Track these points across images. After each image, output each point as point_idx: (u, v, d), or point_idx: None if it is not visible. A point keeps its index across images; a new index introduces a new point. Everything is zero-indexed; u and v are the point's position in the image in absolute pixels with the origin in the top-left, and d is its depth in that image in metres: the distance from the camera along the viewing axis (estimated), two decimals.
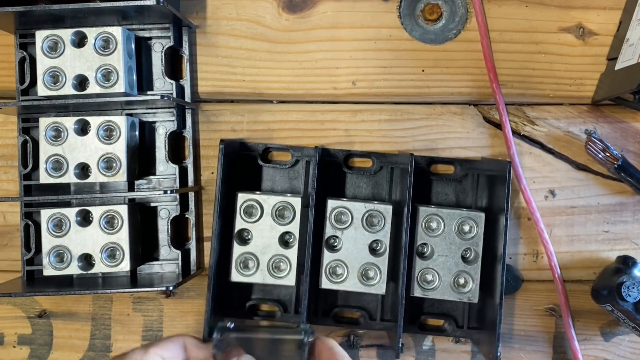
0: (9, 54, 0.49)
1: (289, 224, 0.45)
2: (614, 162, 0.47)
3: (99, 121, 0.46)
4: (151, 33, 0.49)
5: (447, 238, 0.45)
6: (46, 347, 0.51)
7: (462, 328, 0.49)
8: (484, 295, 0.46)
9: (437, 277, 0.45)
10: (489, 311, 0.45)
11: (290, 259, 0.45)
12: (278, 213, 0.45)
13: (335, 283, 0.45)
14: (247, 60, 0.49)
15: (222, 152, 0.44)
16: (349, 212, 0.45)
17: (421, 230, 0.45)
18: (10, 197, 0.50)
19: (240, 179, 0.49)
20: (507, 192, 0.43)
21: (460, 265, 0.45)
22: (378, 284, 0.45)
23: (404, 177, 0.45)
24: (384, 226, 0.45)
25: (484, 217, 0.45)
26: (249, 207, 0.45)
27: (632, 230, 0.49)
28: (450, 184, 0.49)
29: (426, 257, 0.46)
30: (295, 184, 0.49)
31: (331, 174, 0.49)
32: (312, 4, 0.50)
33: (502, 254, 0.43)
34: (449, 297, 0.45)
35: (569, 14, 0.49)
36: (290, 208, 0.45)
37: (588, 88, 0.49)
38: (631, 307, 0.44)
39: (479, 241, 0.45)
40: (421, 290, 0.45)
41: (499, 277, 0.43)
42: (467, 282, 0.45)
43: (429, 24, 0.50)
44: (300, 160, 0.49)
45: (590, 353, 0.50)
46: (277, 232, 0.45)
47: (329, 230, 0.45)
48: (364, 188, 0.49)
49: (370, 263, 0.45)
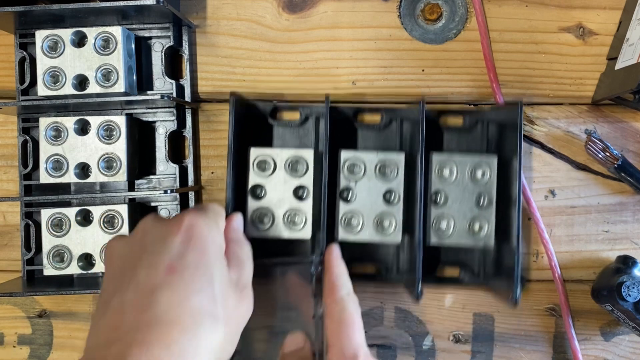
0: (9, 54, 0.49)
1: (303, 176, 0.45)
2: (614, 162, 0.47)
3: (99, 121, 0.46)
4: (151, 33, 0.49)
5: (461, 184, 0.45)
6: (46, 347, 0.51)
7: (478, 276, 0.48)
8: (500, 242, 0.45)
9: (452, 224, 0.45)
10: (505, 257, 0.45)
11: (305, 212, 0.45)
12: (291, 167, 0.45)
13: (351, 234, 0.45)
14: (247, 60, 0.49)
15: (232, 104, 0.44)
16: (362, 162, 0.45)
17: (435, 177, 0.45)
18: (11, 197, 0.50)
19: (251, 139, 0.49)
20: (520, 131, 0.43)
21: (474, 210, 0.45)
22: (394, 233, 0.45)
23: (415, 128, 0.45)
24: (397, 175, 0.45)
25: (497, 160, 0.45)
26: (262, 162, 0.45)
27: (632, 230, 0.49)
28: (461, 134, 0.49)
29: (440, 205, 0.45)
30: (306, 142, 0.49)
31: (341, 130, 0.49)
32: (312, 4, 0.50)
33: (517, 197, 0.43)
34: (464, 242, 0.45)
35: (569, 14, 0.49)
36: (303, 161, 0.45)
37: (588, 88, 0.49)
38: (631, 307, 0.44)
39: (493, 185, 0.45)
40: (437, 237, 0.45)
41: (514, 221, 0.43)
42: (482, 227, 0.45)
43: (429, 24, 0.50)
44: (309, 117, 0.49)
45: (590, 353, 0.50)
46: (291, 185, 0.45)
47: (342, 181, 0.45)
48: (375, 141, 0.49)
49: (384, 212, 0.45)
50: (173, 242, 0.34)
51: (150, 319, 0.30)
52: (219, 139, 0.50)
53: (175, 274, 0.32)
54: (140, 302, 0.31)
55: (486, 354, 0.50)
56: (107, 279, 0.35)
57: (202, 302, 0.32)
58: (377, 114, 0.49)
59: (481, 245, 0.45)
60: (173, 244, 0.34)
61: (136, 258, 0.34)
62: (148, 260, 0.33)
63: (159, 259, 0.33)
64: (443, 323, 0.50)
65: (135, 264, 0.33)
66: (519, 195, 0.43)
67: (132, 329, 0.30)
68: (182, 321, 0.31)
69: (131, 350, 0.29)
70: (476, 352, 0.50)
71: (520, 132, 0.43)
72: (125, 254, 0.35)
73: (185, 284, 0.32)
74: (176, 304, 0.31)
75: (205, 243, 0.35)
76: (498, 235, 0.45)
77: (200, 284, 0.33)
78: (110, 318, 0.31)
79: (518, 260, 0.42)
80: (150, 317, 0.30)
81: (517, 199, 0.43)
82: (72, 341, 0.51)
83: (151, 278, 0.32)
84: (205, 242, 0.35)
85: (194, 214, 0.36)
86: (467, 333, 0.50)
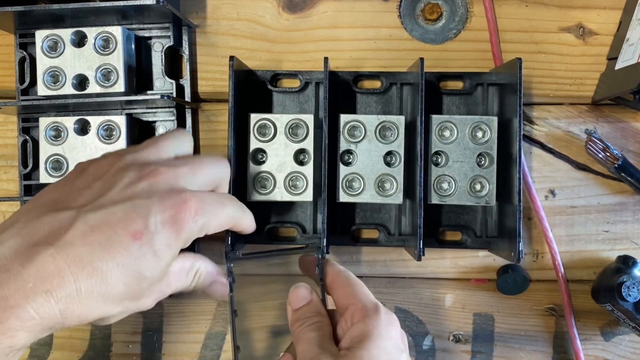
0: (9, 54, 0.49)
1: (303, 141, 0.45)
2: (614, 162, 0.47)
3: (99, 121, 0.46)
4: (151, 33, 0.49)
5: (461, 144, 0.45)
6: (46, 347, 0.51)
7: (480, 238, 0.49)
8: (501, 203, 0.46)
9: (453, 183, 0.45)
10: (507, 217, 0.45)
11: (306, 176, 0.45)
12: (291, 131, 0.45)
13: (352, 196, 0.45)
14: (247, 60, 0.49)
15: (232, 68, 0.44)
16: (362, 125, 0.45)
17: (435, 138, 0.45)
18: (11, 197, 0.49)
19: (251, 105, 0.49)
20: (519, 89, 0.43)
21: (475, 170, 0.45)
22: (395, 194, 0.45)
23: (415, 92, 0.45)
24: (397, 137, 0.45)
25: (497, 120, 0.45)
26: (262, 127, 0.45)
27: (632, 230, 0.49)
28: (461, 97, 0.49)
29: (441, 165, 0.46)
30: (306, 108, 0.49)
31: (341, 95, 0.49)
32: (312, 4, 0.50)
33: (518, 155, 0.43)
34: (466, 201, 0.45)
35: (569, 14, 0.49)
36: (303, 125, 0.45)
37: (588, 88, 0.49)
38: (631, 307, 0.44)
39: (493, 145, 0.45)
40: (438, 197, 0.45)
41: (515, 179, 0.43)
42: (483, 186, 0.45)
43: (429, 24, 0.50)
44: (309, 83, 0.49)
45: (591, 353, 0.50)
46: (292, 149, 0.45)
47: (343, 144, 0.45)
48: (374, 107, 0.49)
49: (385, 174, 0.45)
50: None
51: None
52: (219, 139, 0.50)
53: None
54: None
55: (486, 354, 0.50)
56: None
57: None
58: (376, 80, 0.49)
59: (483, 204, 0.45)
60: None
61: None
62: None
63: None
64: (443, 323, 0.50)
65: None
66: (520, 154, 0.43)
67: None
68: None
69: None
70: (476, 352, 0.50)
71: (520, 90, 0.43)
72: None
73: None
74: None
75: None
76: (499, 196, 0.45)
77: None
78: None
79: (520, 216, 0.43)
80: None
81: (517, 158, 0.43)
82: (72, 341, 0.51)
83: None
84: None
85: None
86: (467, 333, 0.50)
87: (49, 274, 0.31)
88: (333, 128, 0.45)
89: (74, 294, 0.31)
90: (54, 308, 0.31)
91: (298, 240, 0.49)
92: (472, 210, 0.49)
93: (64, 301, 0.31)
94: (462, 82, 0.49)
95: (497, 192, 0.45)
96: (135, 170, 0.35)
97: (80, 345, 0.51)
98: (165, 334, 0.51)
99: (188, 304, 0.51)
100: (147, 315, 0.51)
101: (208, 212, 0.35)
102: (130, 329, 0.51)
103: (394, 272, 0.50)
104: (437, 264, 0.50)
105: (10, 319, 0.30)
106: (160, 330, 0.51)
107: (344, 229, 0.49)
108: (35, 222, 0.33)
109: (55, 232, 0.32)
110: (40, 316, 0.30)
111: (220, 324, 0.51)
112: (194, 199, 0.34)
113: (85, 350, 0.51)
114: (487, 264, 0.50)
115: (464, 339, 0.50)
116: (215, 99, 0.50)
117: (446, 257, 0.50)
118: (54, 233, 0.32)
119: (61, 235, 0.32)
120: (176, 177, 0.35)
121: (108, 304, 0.33)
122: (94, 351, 0.51)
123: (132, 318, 0.51)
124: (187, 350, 0.51)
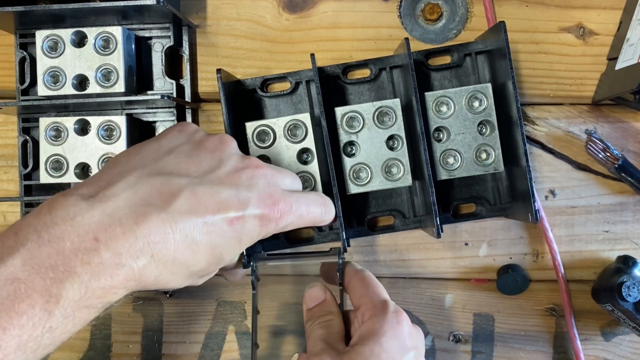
0: (9, 54, 0.49)
1: (303, 140, 0.45)
2: (614, 162, 0.47)
3: (99, 121, 0.46)
4: (151, 33, 0.49)
5: (460, 116, 0.45)
6: None
7: (495, 206, 0.49)
8: (509, 168, 0.46)
9: (459, 156, 0.45)
10: (518, 180, 0.45)
11: (313, 174, 0.45)
12: (290, 132, 0.45)
13: (361, 186, 0.45)
14: (247, 60, 0.49)
15: (220, 80, 0.44)
16: (359, 114, 0.45)
17: (433, 114, 0.45)
18: (10, 197, 0.50)
19: (246, 115, 0.49)
20: (508, 52, 0.43)
21: (478, 139, 0.45)
22: (403, 176, 0.45)
23: (405, 73, 0.45)
24: (396, 120, 0.45)
25: (491, 87, 0.45)
26: (260, 134, 0.45)
27: (632, 230, 0.49)
28: (451, 71, 0.49)
29: (444, 141, 0.46)
30: (301, 108, 0.49)
31: (333, 89, 0.49)
32: (312, 4, 0.50)
33: (518, 117, 0.43)
34: (474, 172, 0.45)
35: (569, 14, 0.49)
36: (301, 125, 0.45)
37: (588, 88, 0.49)
38: (631, 307, 0.44)
39: (492, 112, 0.45)
40: (446, 172, 0.45)
41: (519, 141, 0.43)
42: (489, 153, 0.45)
43: (429, 24, 0.50)
44: (300, 83, 0.49)
45: (591, 353, 0.50)
46: (294, 150, 0.45)
47: (343, 136, 0.45)
48: (368, 95, 0.49)
49: (391, 159, 0.45)
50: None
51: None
52: None
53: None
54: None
55: (486, 354, 0.50)
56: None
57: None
58: (365, 68, 0.49)
59: (491, 171, 0.45)
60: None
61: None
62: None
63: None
64: (443, 323, 0.50)
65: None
66: (519, 115, 0.43)
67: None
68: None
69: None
70: (476, 352, 0.50)
71: (509, 52, 0.43)
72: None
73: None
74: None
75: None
76: (506, 160, 0.45)
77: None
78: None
79: (530, 176, 0.43)
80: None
81: (517, 119, 0.43)
82: (72, 341, 0.51)
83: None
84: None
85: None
86: (467, 333, 0.50)
87: (157, 238, 0.31)
88: (331, 122, 0.45)
89: (169, 263, 0.31)
90: (153, 272, 0.31)
91: (316, 239, 0.49)
92: (482, 180, 0.49)
93: (161, 268, 0.31)
94: (449, 56, 0.49)
95: (503, 157, 0.45)
96: (239, 157, 0.37)
97: (80, 346, 0.51)
98: (165, 334, 0.51)
99: (188, 304, 0.51)
100: (147, 315, 0.51)
101: (293, 214, 0.37)
102: (130, 329, 0.51)
103: (395, 272, 0.50)
104: (437, 264, 0.50)
105: (120, 276, 0.30)
106: (160, 330, 0.51)
107: (359, 220, 0.49)
108: (146, 180, 0.33)
109: (165, 197, 0.32)
110: (140, 278, 0.31)
111: (220, 324, 0.51)
112: (283, 201, 0.36)
113: (86, 351, 0.51)
114: (487, 264, 0.50)
115: (464, 339, 0.50)
116: (216, 99, 0.50)
117: (446, 257, 0.50)
118: (165, 197, 0.32)
119: (171, 200, 0.32)
120: (272, 174, 0.37)
121: (186, 277, 0.33)
122: (94, 351, 0.51)
123: (132, 318, 0.51)
124: (187, 350, 0.51)
